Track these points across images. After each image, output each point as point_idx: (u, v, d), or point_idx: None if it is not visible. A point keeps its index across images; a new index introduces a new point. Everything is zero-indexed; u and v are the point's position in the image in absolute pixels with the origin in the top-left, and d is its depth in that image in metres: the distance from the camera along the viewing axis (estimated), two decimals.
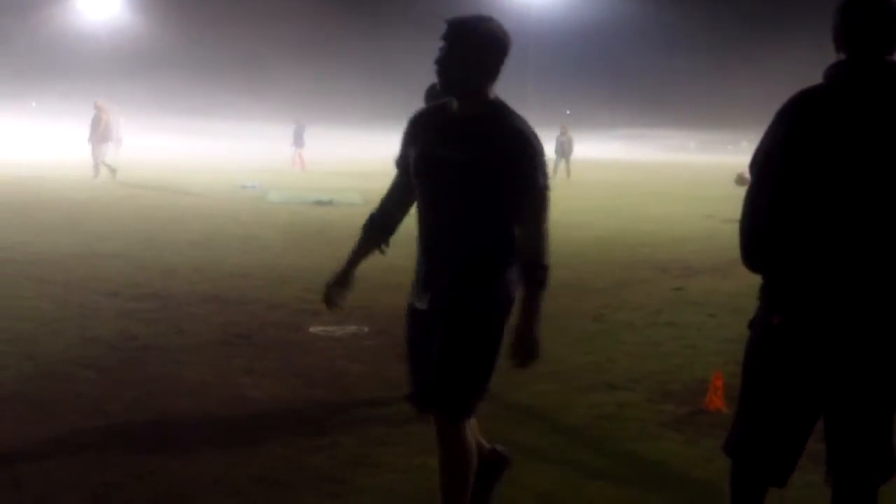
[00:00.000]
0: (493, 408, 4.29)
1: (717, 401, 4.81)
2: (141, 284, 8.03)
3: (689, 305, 7.88)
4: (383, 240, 3.21)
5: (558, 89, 79.73)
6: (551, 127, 28.75)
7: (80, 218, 13.30)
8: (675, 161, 48.95)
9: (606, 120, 78.26)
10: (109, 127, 23.00)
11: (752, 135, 6.91)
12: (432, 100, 3.57)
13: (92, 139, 22.35)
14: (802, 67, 14.18)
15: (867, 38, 2.56)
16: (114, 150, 23.68)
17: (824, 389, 2.63)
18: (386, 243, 3.22)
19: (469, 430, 3.09)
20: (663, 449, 4.32)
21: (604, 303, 7.91)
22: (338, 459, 4.03)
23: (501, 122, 2.93)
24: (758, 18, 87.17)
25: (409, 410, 3.31)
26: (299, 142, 31.71)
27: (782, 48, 70.13)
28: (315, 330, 6.49)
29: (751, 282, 2.78)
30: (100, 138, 22.37)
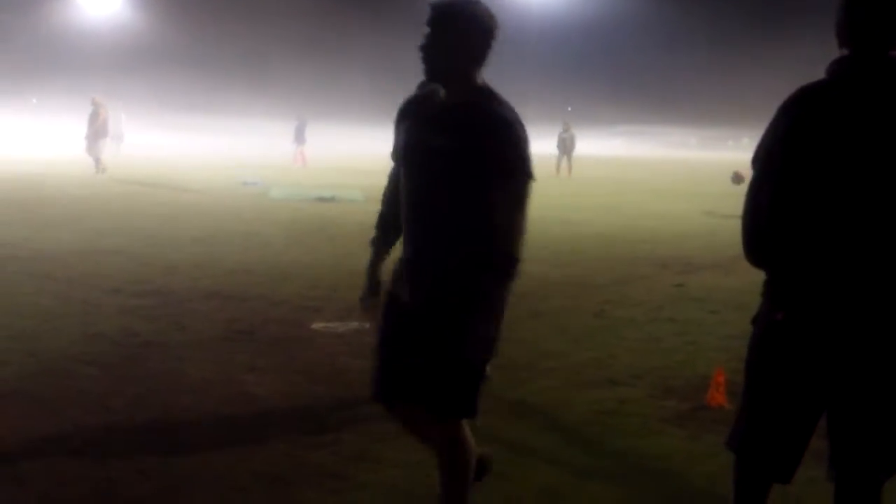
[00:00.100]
0: (493, 404, 4.30)
1: (719, 397, 4.80)
2: (143, 281, 8.03)
3: (691, 302, 7.86)
4: (398, 236, 3.16)
5: (560, 86, 79.76)
6: (553, 123, 28.75)
7: (81, 214, 13.28)
8: (676, 158, 48.96)
9: (608, 116, 78.25)
10: (107, 123, 23.00)
11: (754, 131, 6.91)
12: None
13: (89, 135, 22.35)
14: (803, 64, 14.17)
15: (870, 34, 2.56)
16: (114, 147, 23.66)
17: (828, 385, 2.63)
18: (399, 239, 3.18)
19: (467, 428, 3.06)
20: (665, 445, 4.32)
21: (605, 299, 7.91)
22: (339, 455, 4.04)
23: (487, 111, 2.87)
24: (759, 15, 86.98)
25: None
26: (300, 138, 31.57)
27: (783, 45, 69.98)
28: (317, 326, 6.49)
29: (752, 278, 2.78)
30: (96, 134, 22.36)
